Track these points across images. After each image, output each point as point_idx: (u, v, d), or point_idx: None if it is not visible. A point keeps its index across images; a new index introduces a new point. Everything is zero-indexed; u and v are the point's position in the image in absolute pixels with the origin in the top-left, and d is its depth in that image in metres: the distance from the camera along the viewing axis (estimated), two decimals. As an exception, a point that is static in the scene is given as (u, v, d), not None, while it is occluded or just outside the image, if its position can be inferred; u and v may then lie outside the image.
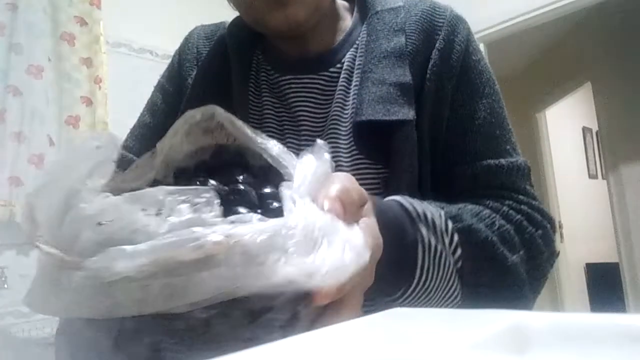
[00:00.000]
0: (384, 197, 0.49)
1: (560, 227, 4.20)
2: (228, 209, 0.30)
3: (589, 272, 4.70)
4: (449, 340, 0.18)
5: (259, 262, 0.26)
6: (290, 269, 0.26)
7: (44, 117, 1.82)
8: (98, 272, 0.25)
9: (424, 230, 0.44)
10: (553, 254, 0.56)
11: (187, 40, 0.73)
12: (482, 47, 2.92)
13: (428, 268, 0.44)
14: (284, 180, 0.34)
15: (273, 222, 0.27)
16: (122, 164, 0.64)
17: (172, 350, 0.26)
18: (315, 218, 0.29)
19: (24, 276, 1.75)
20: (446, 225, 0.46)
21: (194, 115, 0.39)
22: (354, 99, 0.58)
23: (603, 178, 4.59)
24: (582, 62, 3.88)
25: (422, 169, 0.55)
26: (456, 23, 0.60)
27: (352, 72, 0.60)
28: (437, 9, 0.61)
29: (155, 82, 0.72)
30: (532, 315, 0.21)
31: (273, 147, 0.36)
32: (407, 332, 0.21)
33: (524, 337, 0.20)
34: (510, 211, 0.53)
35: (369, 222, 0.36)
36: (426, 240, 0.44)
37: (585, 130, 5.30)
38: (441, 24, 0.59)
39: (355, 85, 0.58)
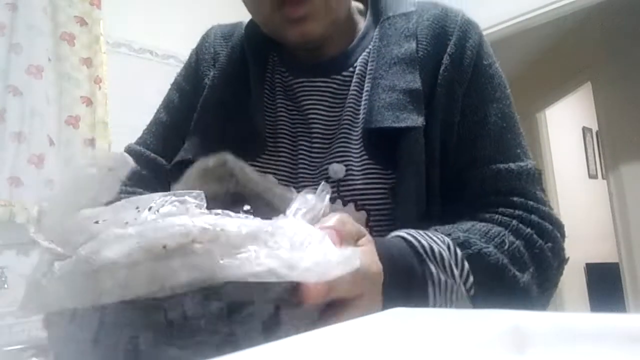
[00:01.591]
0: (392, 203, 0.50)
1: (560, 227, 4.20)
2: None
3: (589, 272, 4.69)
4: (449, 340, 0.18)
5: (242, 252, 0.27)
6: (272, 261, 0.27)
7: (44, 117, 1.82)
8: (88, 258, 0.26)
9: (432, 267, 0.44)
10: (562, 263, 0.55)
11: (204, 39, 0.74)
12: (482, 47, 2.92)
13: (440, 305, 0.43)
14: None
15: (260, 220, 0.29)
16: (139, 162, 0.65)
17: (150, 344, 0.26)
18: (305, 227, 0.30)
19: (24, 276, 1.75)
20: (455, 255, 0.46)
21: (207, 162, 0.40)
22: (364, 104, 0.58)
23: (603, 178, 4.58)
24: (582, 62, 3.88)
25: (430, 174, 0.55)
26: (468, 28, 0.60)
27: (364, 77, 0.60)
28: (449, 14, 0.61)
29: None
30: (532, 315, 0.21)
31: (278, 189, 0.38)
32: (407, 332, 0.21)
33: (524, 337, 0.20)
34: (520, 225, 0.52)
35: (365, 248, 0.36)
36: (435, 278, 0.43)
37: (585, 130, 5.29)
38: (452, 29, 0.59)
39: (367, 91, 0.59)
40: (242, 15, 0.74)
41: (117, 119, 2.01)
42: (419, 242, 0.44)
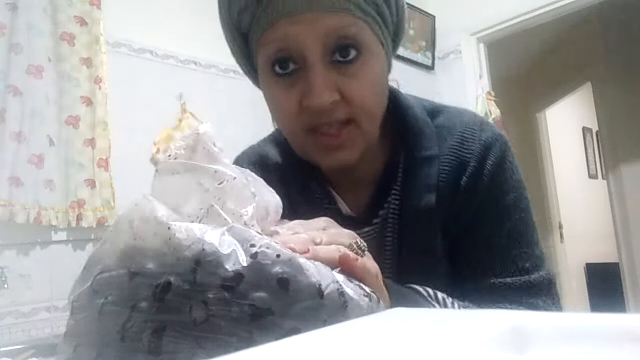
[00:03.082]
0: None
1: (560, 227, 4.20)
2: None
3: (589, 272, 4.69)
4: (449, 340, 0.18)
5: None
6: None
7: (44, 117, 1.81)
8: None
9: (436, 305, 0.47)
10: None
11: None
12: (482, 47, 2.92)
13: None
14: None
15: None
16: None
17: (173, 338, 0.29)
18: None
19: (24, 276, 1.75)
20: (457, 303, 0.50)
21: None
22: (395, 265, 0.62)
23: (603, 178, 4.59)
24: (582, 62, 3.88)
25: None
26: (486, 152, 0.61)
27: (395, 227, 0.63)
28: (465, 142, 0.62)
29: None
30: (532, 315, 0.21)
31: None
32: (407, 332, 0.21)
33: (524, 337, 0.20)
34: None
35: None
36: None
37: (585, 130, 5.29)
38: (469, 158, 0.61)
39: (395, 249, 0.62)
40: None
41: (117, 119, 2.00)
42: (423, 288, 0.49)
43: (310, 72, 0.52)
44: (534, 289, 0.58)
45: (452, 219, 0.60)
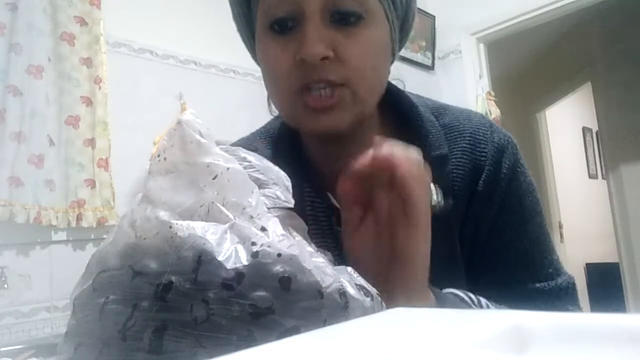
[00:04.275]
0: None
1: (560, 227, 4.20)
2: None
3: (589, 272, 4.70)
4: (449, 340, 0.18)
5: None
6: None
7: (44, 117, 1.81)
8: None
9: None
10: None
11: None
12: (482, 47, 2.92)
13: None
14: None
15: None
16: None
17: (174, 337, 0.29)
18: None
19: (24, 276, 1.75)
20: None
21: None
22: None
23: (603, 178, 4.59)
24: (582, 62, 3.88)
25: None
26: (500, 155, 0.58)
27: None
28: (477, 145, 0.59)
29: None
30: (532, 315, 0.21)
31: None
32: (407, 332, 0.21)
33: (524, 337, 0.20)
34: None
35: None
36: None
37: (585, 130, 5.30)
38: (483, 162, 0.58)
39: None
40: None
41: (117, 119, 2.00)
42: (465, 294, 0.48)
43: (306, 24, 0.50)
44: (561, 294, 0.57)
45: (468, 225, 0.58)
